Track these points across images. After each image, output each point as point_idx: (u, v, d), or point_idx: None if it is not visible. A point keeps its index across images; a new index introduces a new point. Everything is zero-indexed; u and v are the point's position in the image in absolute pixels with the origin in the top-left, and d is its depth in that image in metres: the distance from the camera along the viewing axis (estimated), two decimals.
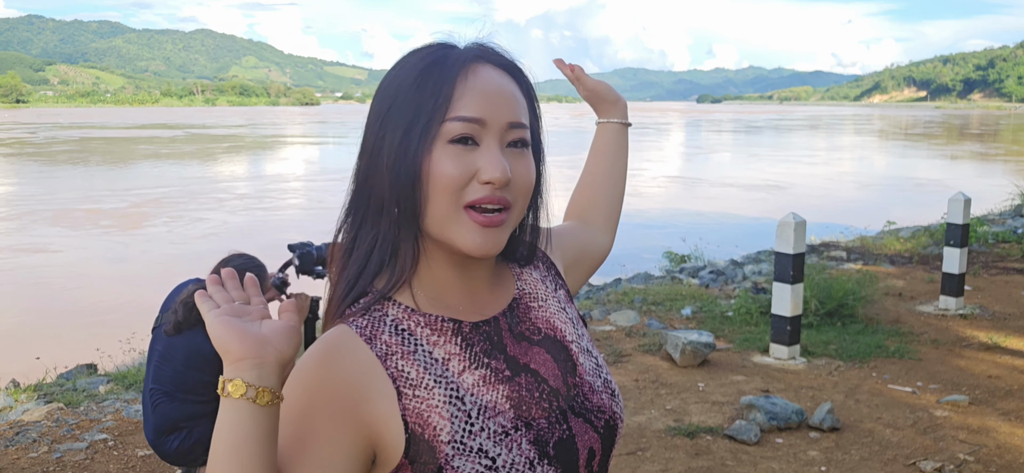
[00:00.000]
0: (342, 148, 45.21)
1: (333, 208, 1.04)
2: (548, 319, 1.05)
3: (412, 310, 0.95)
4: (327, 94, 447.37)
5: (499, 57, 0.98)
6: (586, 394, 1.01)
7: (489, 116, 0.91)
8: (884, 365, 5.51)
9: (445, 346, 0.94)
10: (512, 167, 0.92)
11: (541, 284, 1.09)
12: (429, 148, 0.90)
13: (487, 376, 0.94)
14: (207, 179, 25.33)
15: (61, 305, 9.79)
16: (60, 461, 4.02)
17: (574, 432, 0.97)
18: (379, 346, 0.91)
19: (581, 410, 0.99)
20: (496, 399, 0.93)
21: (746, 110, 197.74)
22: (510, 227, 0.95)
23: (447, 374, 0.92)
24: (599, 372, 1.05)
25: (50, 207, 17.78)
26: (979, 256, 9.52)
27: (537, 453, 0.92)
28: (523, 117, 0.95)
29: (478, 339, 0.97)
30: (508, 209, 0.93)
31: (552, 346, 1.03)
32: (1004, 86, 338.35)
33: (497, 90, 0.93)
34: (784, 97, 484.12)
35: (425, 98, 0.91)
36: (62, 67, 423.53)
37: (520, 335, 1.01)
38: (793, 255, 5.55)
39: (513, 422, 0.92)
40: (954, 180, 23.59)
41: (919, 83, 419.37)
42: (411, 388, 0.90)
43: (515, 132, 0.94)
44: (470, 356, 0.95)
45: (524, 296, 1.05)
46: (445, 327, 0.95)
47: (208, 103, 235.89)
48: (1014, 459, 4.03)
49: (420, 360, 0.92)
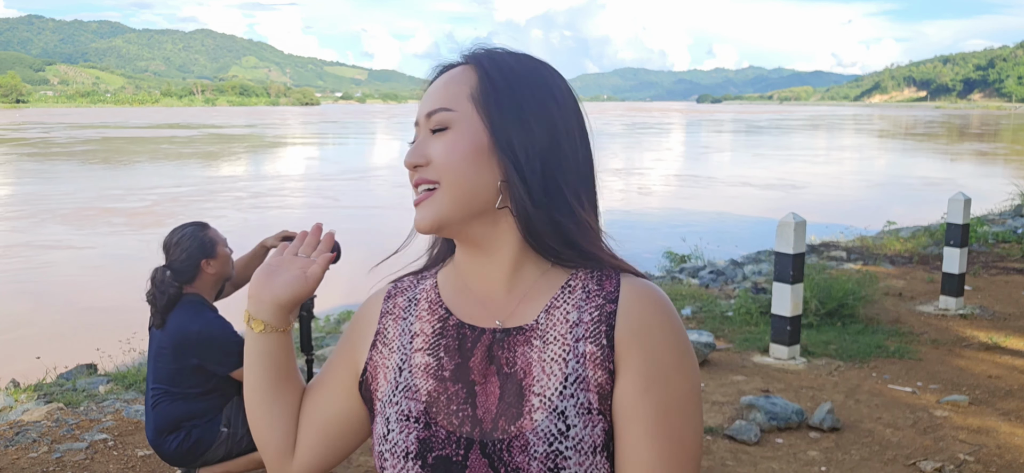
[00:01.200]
0: (349, 147, 45.23)
1: (348, 206, 1.08)
2: (529, 361, 0.97)
3: (436, 286, 1.09)
4: (327, 94, 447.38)
5: (469, 51, 1.06)
6: (512, 447, 0.93)
7: (419, 115, 1.03)
8: (884, 365, 5.51)
9: (424, 324, 1.05)
10: (429, 149, 1.00)
11: (568, 326, 0.98)
12: None
13: (430, 366, 1.02)
14: (227, 178, 25.39)
15: (61, 305, 9.79)
16: (60, 461, 4.01)
17: (469, 465, 0.94)
18: (389, 304, 1.10)
19: (493, 453, 0.94)
20: (420, 387, 1.01)
21: (746, 110, 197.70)
22: (439, 202, 0.99)
23: (408, 346, 1.05)
24: (553, 440, 0.92)
25: (67, 206, 17.79)
26: (979, 256, 9.52)
27: (417, 450, 0.97)
28: (443, 102, 1.00)
29: (454, 334, 1.03)
30: (437, 185, 0.99)
31: (509, 385, 0.97)
32: (1004, 86, 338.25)
33: (429, 91, 1.04)
34: (784, 97, 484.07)
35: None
36: (62, 67, 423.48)
37: (494, 357, 0.99)
38: (793, 255, 5.55)
39: (417, 413, 0.99)
40: (954, 180, 23.59)
41: (919, 83, 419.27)
42: (384, 345, 1.07)
43: (433, 119, 1.00)
44: (433, 344, 1.03)
45: (533, 331, 0.99)
46: (437, 311, 1.06)
47: (208, 103, 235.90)
48: (1014, 459, 4.03)
49: (403, 327, 1.07)
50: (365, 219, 16.46)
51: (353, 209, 18.14)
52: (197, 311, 3.18)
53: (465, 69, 1.03)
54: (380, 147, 45.70)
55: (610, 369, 0.95)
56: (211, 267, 3.23)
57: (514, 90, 1.00)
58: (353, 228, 14.53)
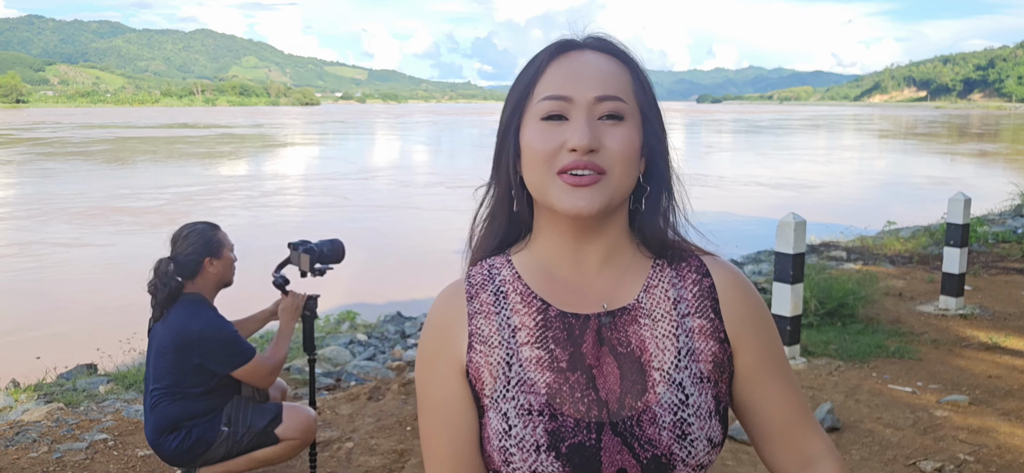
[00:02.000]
0: (358, 147, 45.22)
1: (357, 205, 1.07)
2: (643, 339, 1.04)
3: (518, 276, 1.09)
4: (327, 94, 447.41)
5: (599, 42, 1.07)
6: (642, 422, 1.00)
7: (575, 92, 1.01)
8: (884, 365, 5.51)
9: (523, 317, 1.06)
10: (602, 136, 1.00)
11: (671, 303, 1.07)
12: (524, 127, 1.04)
13: (542, 358, 1.03)
14: (246, 177, 25.39)
15: (62, 305, 9.79)
16: (60, 461, 4.01)
17: (603, 446, 0.99)
18: (475, 304, 1.09)
19: (624, 432, 0.99)
20: (536, 380, 1.02)
21: (746, 110, 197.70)
22: (607, 191, 1.00)
23: (512, 341, 1.05)
24: (677, 409, 1.01)
25: (77, 205, 17.80)
26: (979, 256, 9.52)
27: (548, 442, 0.99)
28: (616, 91, 1.02)
29: (559, 325, 1.05)
30: (603, 174, 1.00)
31: (628, 364, 1.03)
32: (1004, 86, 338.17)
33: (587, 68, 1.03)
34: (784, 97, 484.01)
35: (521, 83, 1.06)
36: (62, 67, 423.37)
37: (605, 339, 1.04)
38: (793, 255, 5.54)
39: (540, 407, 1.00)
40: (954, 180, 23.59)
41: (919, 83, 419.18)
42: (481, 344, 1.06)
43: (605, 105, 1.01)
44: (539, 336, 1.05)
45: (637, 310, 1.06)
46: (533, 303, 1.07)
47: (208, 103, 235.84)
48: (1014, 459, 4.03)
49: (499, 322, 1.07)
50: (368, 218, 16.47)
51: (359, 208, 18.15)
52: (197, 310, 3.18)
53: (615, 61, 1.05)
54: (387, 147, 45.71)
55: (721, 338, 1.06)
56: (214, 267, 3.24)
57: (652, 92, 1.07)
58: (357, 228, 14.53)
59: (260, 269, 4.54)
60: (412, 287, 10.31)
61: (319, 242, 3.49)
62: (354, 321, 8.05)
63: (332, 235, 3.68)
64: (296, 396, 5.03)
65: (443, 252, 13.06)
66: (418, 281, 10.78)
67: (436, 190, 21.79)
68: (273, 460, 3.37)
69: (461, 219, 1.04)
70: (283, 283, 3.50)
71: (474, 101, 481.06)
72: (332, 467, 3.97)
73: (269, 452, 3.32)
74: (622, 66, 1.05)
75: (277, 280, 3.49)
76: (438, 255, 12.83)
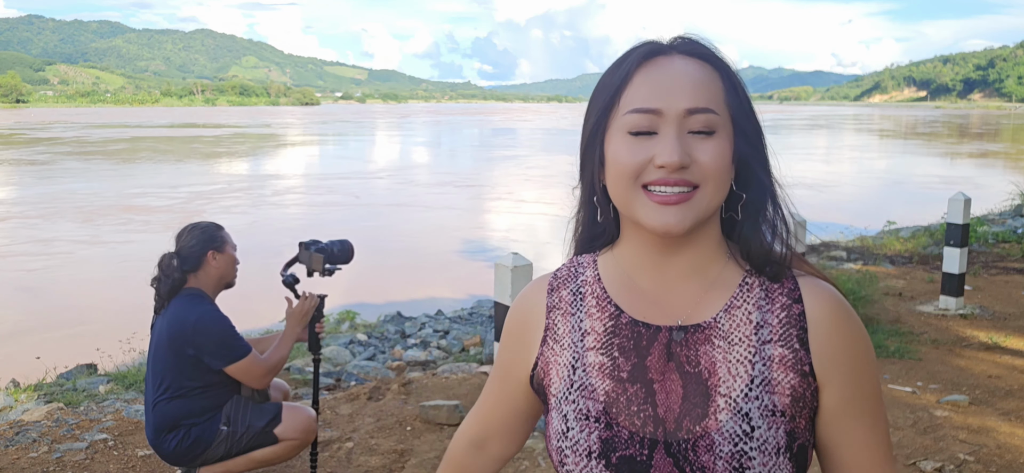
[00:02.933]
0: (370, 147, 45.22)
1: (359, 204, 1.06)
2: (714, 361, 0.99)
3: (598, 278, 1.08)
4: (327, 94, 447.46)
5: (690, 45, 1.01)
6: (697, 447, 0.95)
7: (665, 105, 0.96)
8: (884, 365, 5.51)
9: (594, 321, 1.05)
10: (693, 151, 0.95)
11: (752, 327, 1.00)
12: (610, 139, 1.00)
13: (605, 366, 1.02)
14: (266, 175, 25.37)
15: (62, 305, 9.79)
16: (60, 461, 4.01)
17: (654, 464, 0.96)
18: (554, 298, 1.10)
19: (678, 453, 0.96)
20: (597, 387, 1.01)
21: None
22: (697, 208, 0.96)
23: (581, 344, 1.04)
24: (738, 441, 0.95)
25: (92, 203, 17.80)
26: (979, 256, 9.51)
27: (600, 450, 0.98)
28: (707, 102, 0.97)
29: (627, 333, 1.02)
30: (695, 189, 0.96)
31: (694, 384, 0.98)
32: (1004, 86, 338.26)
33: (676, 78, 0.97)
34: (784, 97, 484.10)
35: (605, 92, 1.01)
36: (62, 67, 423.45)
37: (673, 355, 1.00)
38: None
39: (597, 413, 1.00)
40: (954, 180, 23.59)
41: (919, 83, 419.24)
42: (554, 341, 1.07)
43: (696, 118, 0.96)
44: (606, 343, 1.03)
45: (713, 329, 1.01)
46: (607, 308, 1.05)
47: (208, 103, 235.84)
48: (1014, 459, 4.03)
49: (572, 323, 1.06)
50: (367, 218, 16.47)
51: (361, 208, 18.15)
52: (195, 302, 3.19)
53: (706, 68, 1.00)
54: (394, 147, 45.75)
55: (805, 372, 0.98)
56: (216, 260, 3.25)
57: (746, 96, 1.02)
58: (357, 228, 14.53)
59: (263, 268, 4.54)
60: (412, 287, 10.31)
61: (329, 242, 3.49)
62: (354, 321, 8.05)
63: (331, 235, 3.68)
64: (296, 396, 5.03)
65: (444, 252, 13.06)
66: (418, 281, 10.79)
67: (442, 190, 21.78)
68: (272, 460, 3.37)
69: (462, 219, 1.02)
70: (293, 282, 3.49)
71: (474, 101, 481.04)
72: (332, 467, 3.97)
73: (268, 452, 3.32)
74: (713, 72, 1.00)
75: (287, 278, 3.48)
76: (439, 255, 12.84)
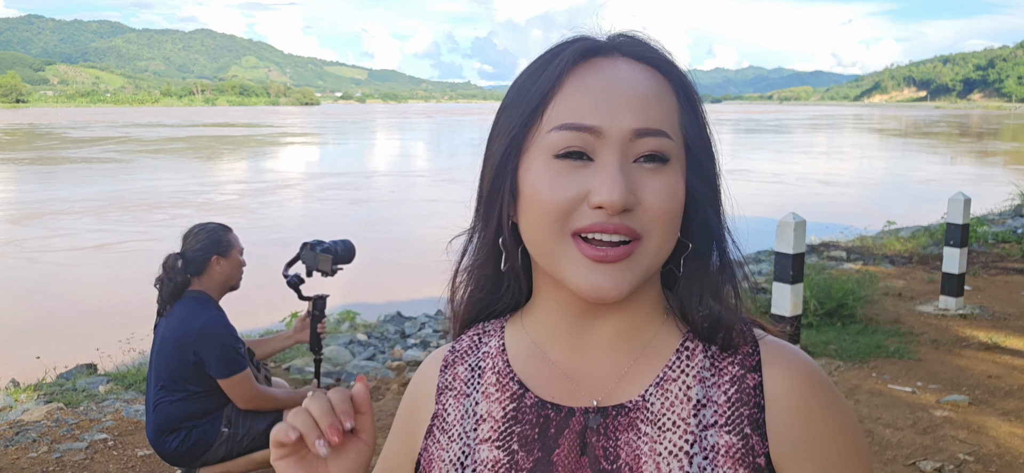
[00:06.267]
0: (383, 147, 45.24)
1: (362, 204, 1.04)
2: (638, 454, 0.75)
3: (503, 349, 0.85)
4: (327, 94, 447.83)
5: (636, 47, 0.77)
6: None
7: (605, 123, 0.72)
8: (884, 365, 5.51)
9: (492, 405, 0.82)
10: (639, 189, 0.72)
11: (691, 407, 0.76)
12: (528, 163, 0.75)
13: (501, 461, 0.79)
14: (276, 174, 25.37)
15: (62, 305, 9.79)
16: (60, 461, 4.02)
17: None
18: (447, 376, 0.87)
19: None
20: None
21: (746, 110, 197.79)
22: (640, 266, 0.73)
23: (471, 434, 0.82)
24: None
25: (116, 203, 17.80)
26: (979, 256, 9.51)
27: None
28: (660, 122, 0.73)
29: (532, 419, 0.79)
30: (637, 241, 0.72)
31: None
32: (1004, 86, 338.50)
33: (620, 88, 0.73)
34: (784, 97, 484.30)
35: (524, 101, 0.76)
36: (62, 67, 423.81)
37: (587, 446, 0.77)
38: (793, 255, 5.54)
39: None
40: (954, 180, 23.59)
41: (919, 83, 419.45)
42: (441, 431, 0.85)
43: (646, 142, 0.72)
44: (504, 432, 0.80)
45: (639, 411, 0.77)
46: (509, 388, 0.82)
47: (208, 103, 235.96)
48: (1014, 459, 4.03)
49: (465, 408, 0.84)
50: (369, 218, 16.47)
51: (363, 207, 18.14)
52: (202, 307, 3.19)
53: (656, 76, 0.76)
54: (400, 146, 45.84)
55: (759, 466, 0.74)
56: (221, 265, 3.24)
57: (703, 116, 0.78)
58: (358, 227, 14.53)
59: (263, 268, 4.54)
60: (412, 287, 10.30)
61: (333, 242, 3.49)
62: (354, 321, 8.05)
63: (332, 235, 3.68)
64: None
65: (444, 252, 13.05)
66: (418, 281, 10.78)
67: (443, 189, 21.79)
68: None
69: (463, 218, 0.91)
70: (297, 282, 3.48)
71: (474, 101, 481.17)
72: None
73: (269, 453, 3.32)
74: (664, 83, 0.76)
75: (291, 279, 3.47)
76: (439, 255, 12.82)
